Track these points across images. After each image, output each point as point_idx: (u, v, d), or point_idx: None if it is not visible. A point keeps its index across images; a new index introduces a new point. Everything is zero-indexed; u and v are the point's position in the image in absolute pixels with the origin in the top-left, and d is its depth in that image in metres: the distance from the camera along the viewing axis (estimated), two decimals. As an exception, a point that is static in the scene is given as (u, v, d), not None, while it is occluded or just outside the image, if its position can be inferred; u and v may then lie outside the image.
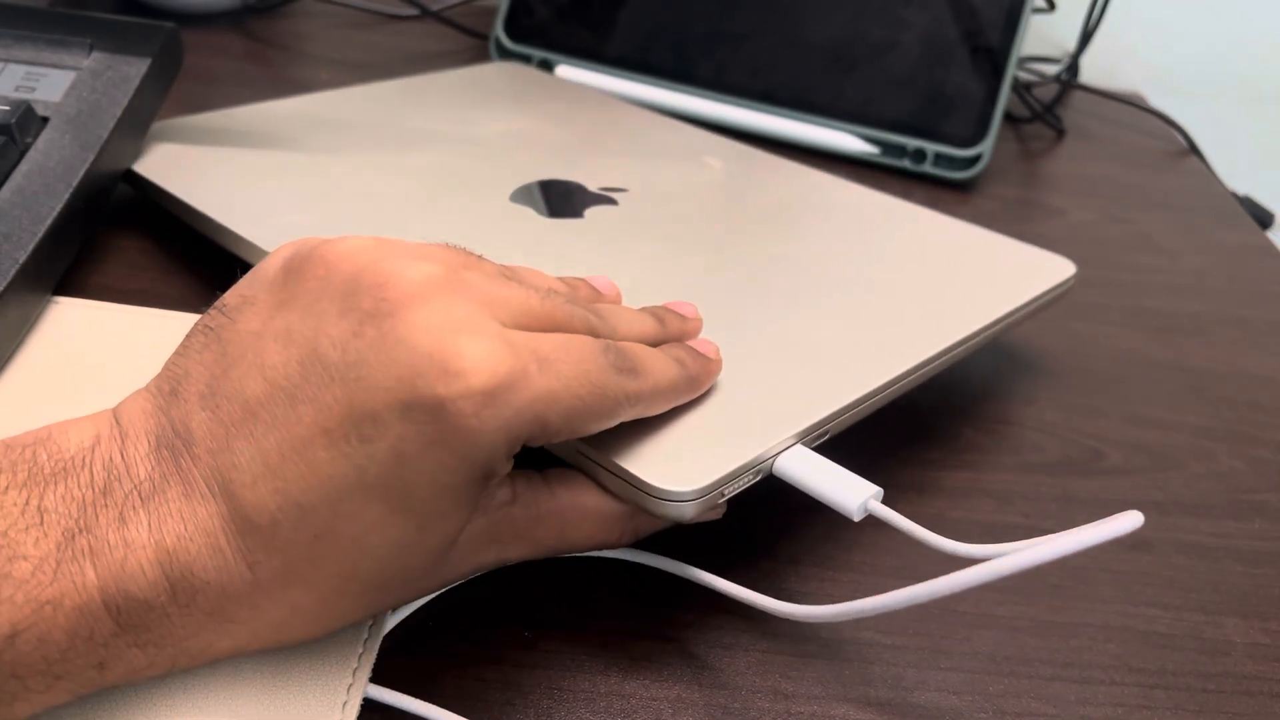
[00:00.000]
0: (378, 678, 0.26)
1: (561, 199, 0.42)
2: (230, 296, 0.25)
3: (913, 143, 0.56)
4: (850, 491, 0.28)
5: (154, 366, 0.35)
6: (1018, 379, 0.42)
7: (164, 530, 0.21)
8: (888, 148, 0.56)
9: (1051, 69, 0.69)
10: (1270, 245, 0.55)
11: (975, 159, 0.55)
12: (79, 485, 0.21)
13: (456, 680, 0.27)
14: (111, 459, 0.22)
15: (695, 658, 0.28)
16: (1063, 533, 0.24)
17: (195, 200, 0.39)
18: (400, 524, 0.22)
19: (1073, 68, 0.67)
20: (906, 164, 0.56)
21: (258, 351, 0.22)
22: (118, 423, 0.23)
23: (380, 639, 0.26)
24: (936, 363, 0.34)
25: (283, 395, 0.22)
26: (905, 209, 0.44)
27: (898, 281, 0.38)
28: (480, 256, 0.26)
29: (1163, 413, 0.41)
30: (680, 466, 0.27)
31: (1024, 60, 0.70)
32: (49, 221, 0.35)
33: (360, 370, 0.21)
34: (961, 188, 0.56)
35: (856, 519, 0.28)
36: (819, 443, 0.31)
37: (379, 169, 0.43)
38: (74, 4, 0.59)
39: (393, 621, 0.27)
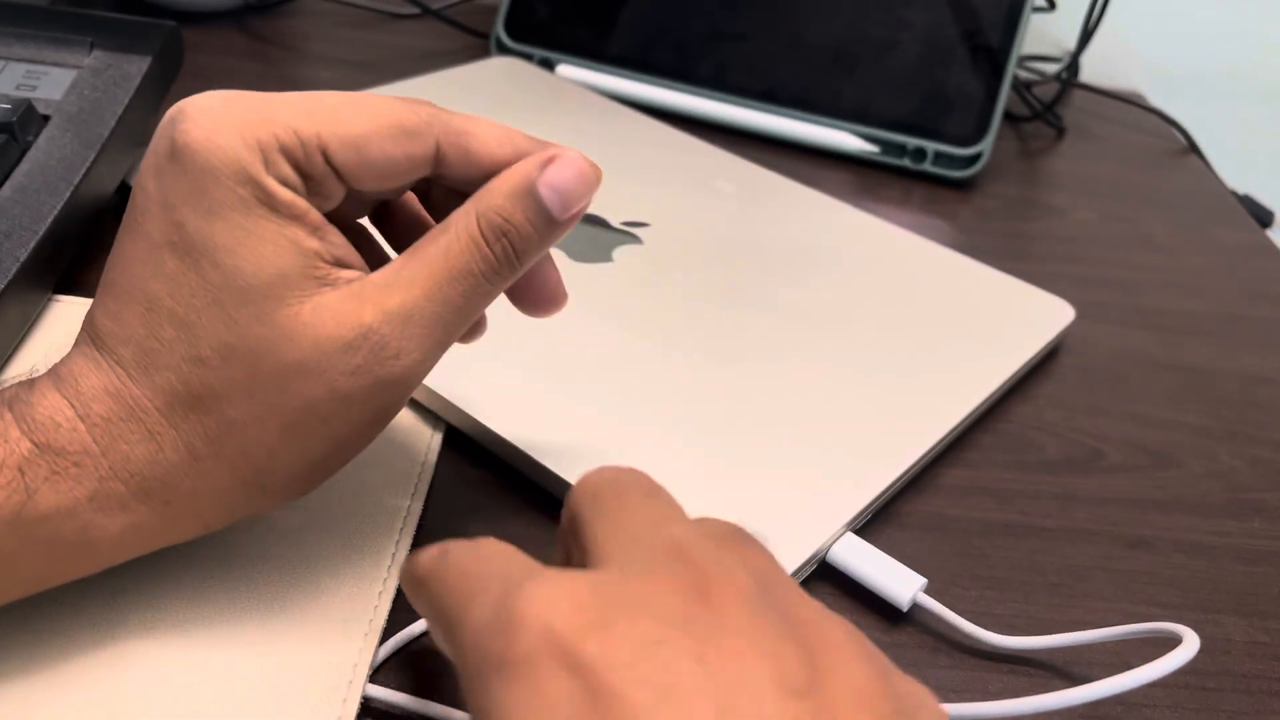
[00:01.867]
0: (376, 678, 0.26)
1: (589, 239, 0.43)
2: None
3: (913, 141, 0.56)
4: (900, 584, 0.30)
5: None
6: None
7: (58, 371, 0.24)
8: (888, 146, 0.56)
9: (1051, 68, 0.69)
10: (1270, 244, 0.55)
11: (975, 158, 0.55)
12: None
13: (452, 685, 0.27)
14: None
15: (695, 656, 0.28)
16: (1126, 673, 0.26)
17: None
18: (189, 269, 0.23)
19: (1073, 66, 0.67)
20: (906, 163, 0.56)
21: None
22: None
23: (378, 638, 0.27)
24: (957, 429, 0.36)
25: None
26: (909, 242, 0.46)
27: (915, 339, 0.40)
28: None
29: (1162, 412, 0.41)
30: None
31: (1024, 59, 0.70)
32: (50, 220, 0.35)
33: None
34: (961, 186, 0.56)
35: (905, 609, 0.30)
36: (862, 524, 0.33)
37: None
38: (75, 2, 0.59)
39: (388, 645, 0.27)
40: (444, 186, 0.27)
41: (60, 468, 0.22)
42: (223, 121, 0.23)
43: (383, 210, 0.28)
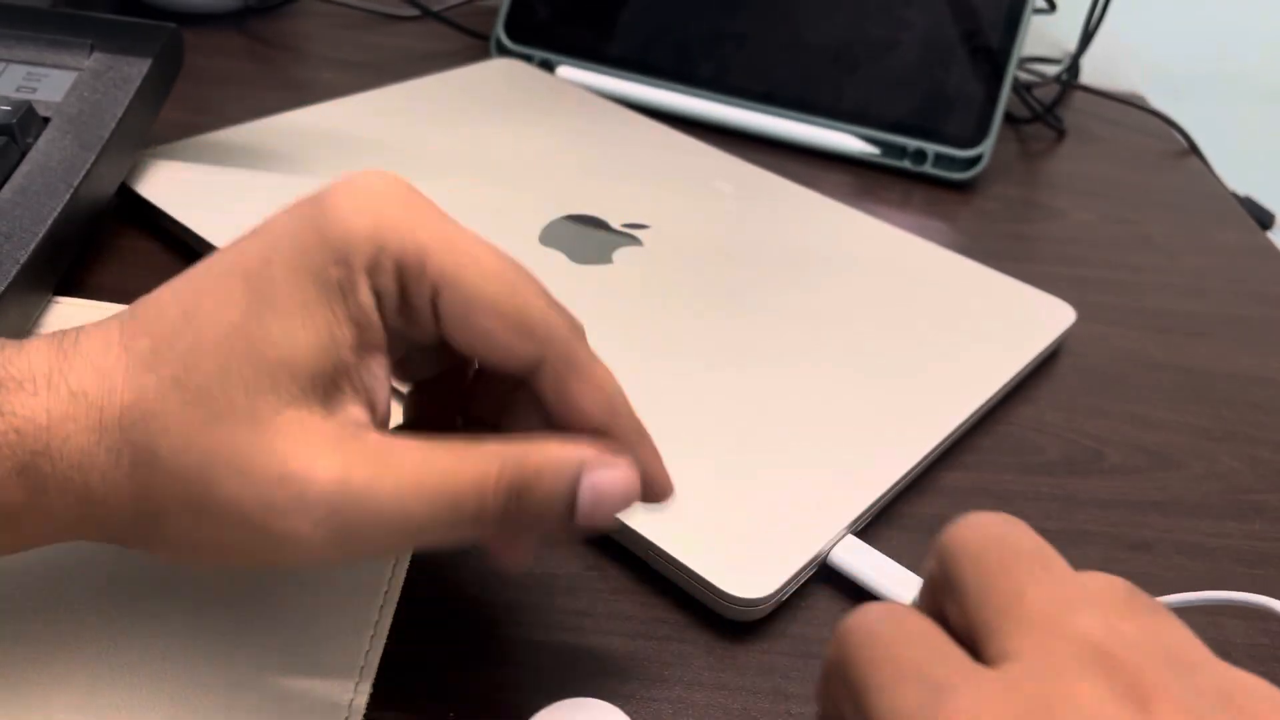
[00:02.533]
0: (377, 697, 0.26)
1: (589, 241, 0.43)
2: None
3: (913, 143, 0.56)
4: (901, 586, 0.30)
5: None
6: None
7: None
8: (888, 148, 0.56)
9: (1052, 69, 0.69)
10: (1270, 246, 0.55)
11: (975, 159, 0.55)
12: None
13: (456, 686, 0.27)
14: None
15: (696, 658, 0.28)
16: None
17: (216, 238, 0.39)
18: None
19: (1073, 68, 0.67)
20: (907, 164, 0.56)
21: None
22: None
23: (379, 656, 0.26)
24: (957, 432, 0.36)
25: None
26: (909, 244, 0.46)
27: (915, 341, 0.40)
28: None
29: (1163, 413, 0.41)
30: (750, 572, 0.29)
31: (1024, 61, 0.70)
32: (50, 221, 0.35)
33: None
34: (962, 188, 0.56)
35: None
36: (862, 526, 0.33)
37: None
38: (75, 4, 0.59)
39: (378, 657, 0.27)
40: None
41: None
42: (369, 204, 0.23)
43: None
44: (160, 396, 0.22)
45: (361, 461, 0.22)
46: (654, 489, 0.25)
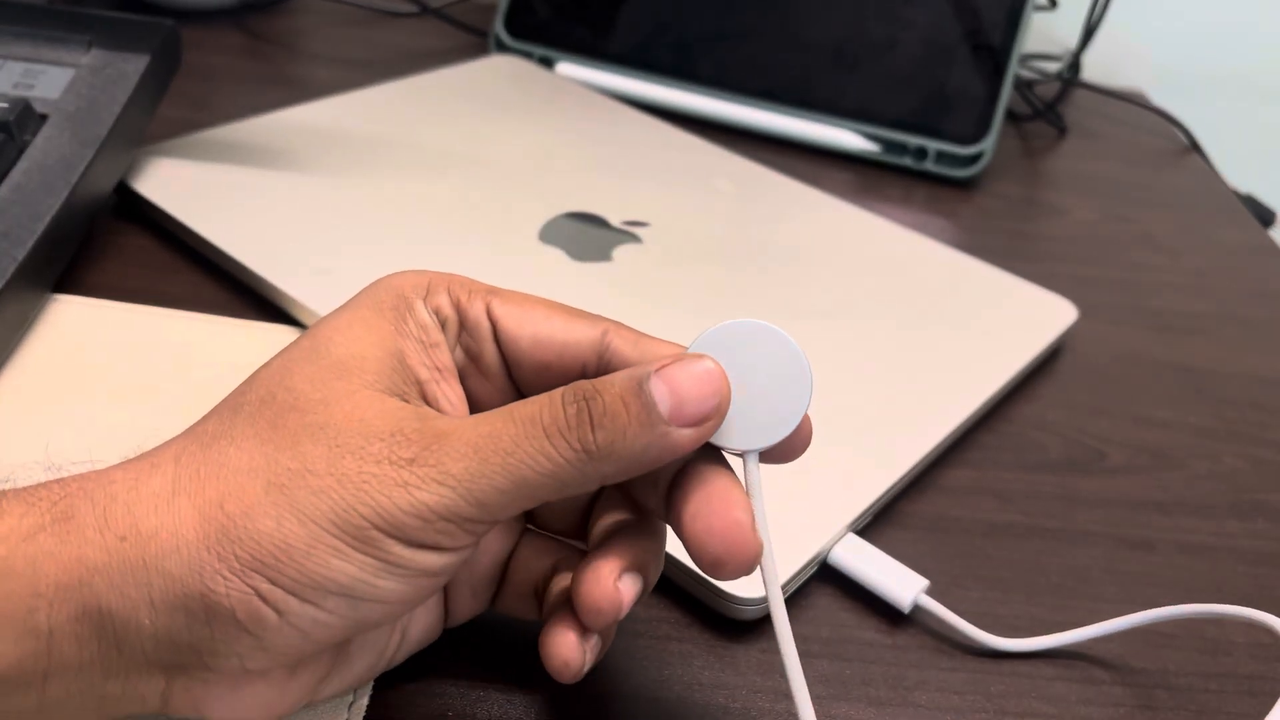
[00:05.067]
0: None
1: (589, 239, 0.43)
2: None
3: (914, 140, 0.55)
4: (902, 585, 0.30)
5: (152, 365, 0.35)
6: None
7: None
8: (889, 145, 0.56)
9: (1053, 66, 0.69)
10: (1272, 244, 0.54)
11: (977, 157, 0.55)
12: None
13: (457, 698, 0.27)
14: None
15: (695, 658, 0.28)
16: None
17: (215, 237, 0.39)
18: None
19: (1074, 65, 0.67)
20: (908, 162, 0.56)
21: None
22: None
23: (367, 697, 0.26)
24: (959, 430, 0.36)
25: None
26: (911, 242, 0.46)
27: (916, 339, 0.39)
28: None
29: (1165, 412, 0.41)
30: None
31: (1026, 58, 0.70)
32: (48, 219, 0.35)
33: None
34: (963, 185, 0.56)
35: (906, 611, 0.30)
36: (863, 525, 0.32)
37: (399, 198, 0.43)
38: (73, 1, 0.59)
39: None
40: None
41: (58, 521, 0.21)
42: (413, 270, 0.25)
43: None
44: (220, 426, 0.22)
45: (443, 419, 0.22)
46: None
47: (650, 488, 0.25)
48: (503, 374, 0.25)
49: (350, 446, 0.21)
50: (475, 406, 0.25)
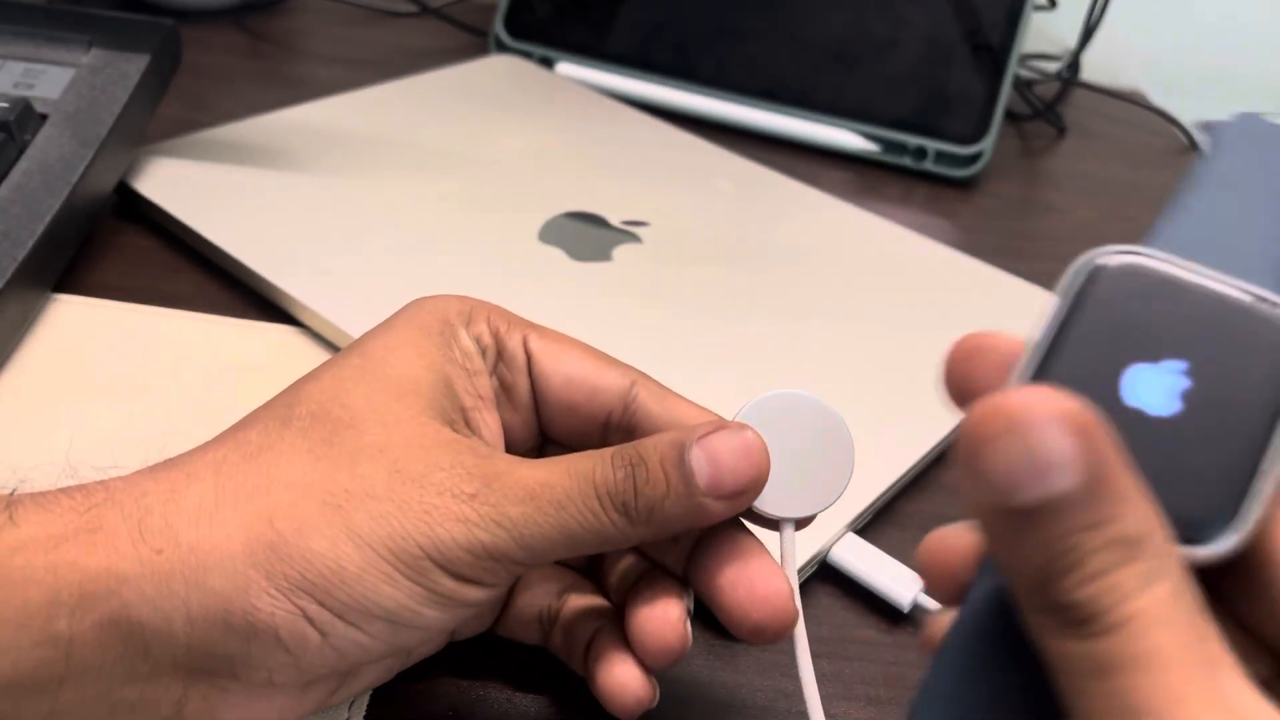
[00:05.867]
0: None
1: (588, 238, 0.43)
2: None
3: (914, 140, 0.55)
4: (901, 585, 0.30)
5: (152, 364, 0.35)
6: (1018, 377, 0.42)
7: None
8: (889, 145, 0.56)
9: (1052, 66, 0.69)
10: (1271, 243, 0.54)
11: (976, 157, 0.55)
12: None
13: (457, 698, 0.27)
14: None
15: (695, 658, 0.28)
16: None
17: (215, 236, 0.39)
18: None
19: (1074, 65, 0.67)
20: (907, 161, 0.56)
21: None
22: None
23: (368, 697, 0.26)
24: (959, 430, 0.36)
25: None
26: (910, 241, 0.46)
27: (915, 338, 0.39)
28: None
29: (1164, 411, 0.41)
30: None
31: (1025, 58, 0.70)
32: (48, 219, 0.35)
33: None
34: (962, 185, 0.56)
35: (906, 610, 0.30)
36: (863, 524, 0.32)
37: (399, 198, 0.43)
38: (73, 0, 0.59)
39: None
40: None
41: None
42: (454, 295, 0.25)
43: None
44: (267, 436, 0.22)
45: (499, 458, 0.22)
46: None
47: (669, 545, 0.25)
48: (530, 407, 0.25)
49: (412, 473, 0.21)
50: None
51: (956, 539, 0.20)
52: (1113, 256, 0.17)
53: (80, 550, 0.20)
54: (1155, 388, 0.16)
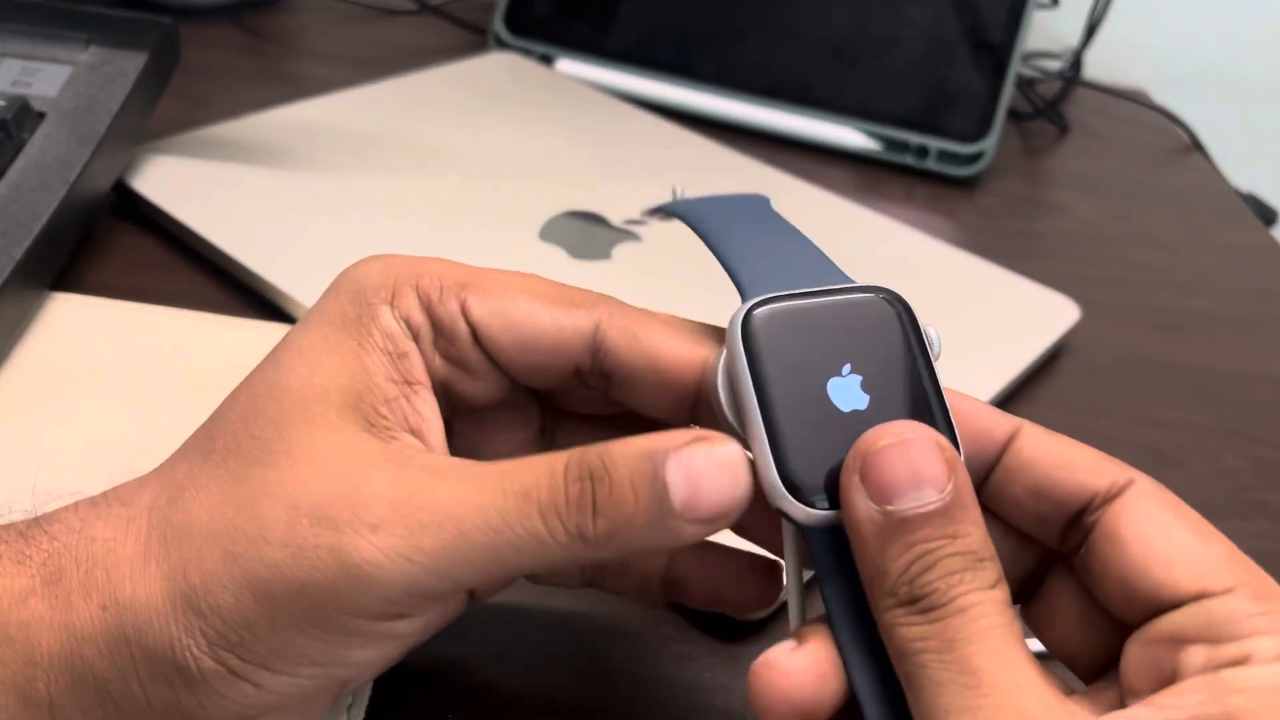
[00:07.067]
0: None
1: (588, 237, 0.42)
2: None
3: (916, 139, 0.55)
4: None
5: (151, 363, 0.35)
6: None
7: None
8: (891, 144, 0.56)
9: (1055, 65, 0.69)
10: (1274, 242, 0.54)
11: (978, 155, 0.55)
12: None
13: (457, 699, 0.27)
14: None
15: (697, 659, 0.28)
16: None
17: (214, 235, 0.39)
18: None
19: (1076, 64, 0.67)
20: (909, 160, 0.56)
21: None
22: None
23: (367, 698, 0.26)
24: None
25: None
26: (912, 240, 0.46)
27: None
28: None
29: (1165, 411, 0.40)
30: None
31: (1027, 56, 0.70)
32: (46, 217, 0.35)
33: None
34: (964, 184, 0.56)
35: None
36: None
37: (398, 196, 0.43)
38: (72, -3, 0.59)
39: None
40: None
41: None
42: (376, 260, 0.23)
43: None
44: (190, 474, 0.21)
45: (420, 470, 0.20)
46: None
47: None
48: (493, 371, 0.23)
49: (307, 508, 0.19)
50: (472, 410, 0.24)
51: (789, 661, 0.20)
52: (754, 311, 0.21)
53: (46, 605, 0.19)
54: (850, 391, 0.21)
